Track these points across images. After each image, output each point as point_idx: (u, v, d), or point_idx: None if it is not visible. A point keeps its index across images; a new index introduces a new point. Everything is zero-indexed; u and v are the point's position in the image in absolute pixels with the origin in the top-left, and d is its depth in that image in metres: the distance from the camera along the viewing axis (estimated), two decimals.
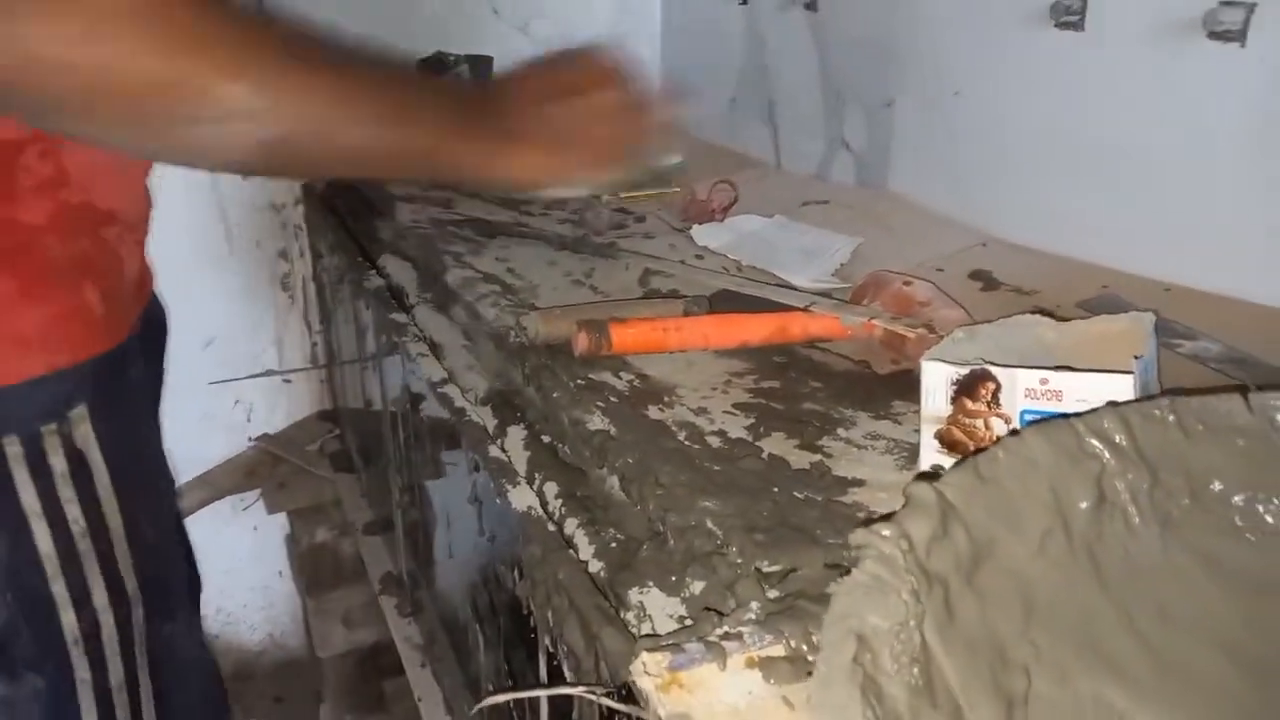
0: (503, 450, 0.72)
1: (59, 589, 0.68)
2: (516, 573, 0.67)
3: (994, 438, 0.57)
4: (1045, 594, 0.37)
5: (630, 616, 0.53)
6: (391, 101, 0.58)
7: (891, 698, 0.30)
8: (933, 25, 1.08)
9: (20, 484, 0.65)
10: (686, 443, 0.65)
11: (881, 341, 0.81)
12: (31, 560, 0.67)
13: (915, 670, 0.31)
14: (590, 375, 0.74)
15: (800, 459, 0.63)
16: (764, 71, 1.39)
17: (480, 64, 1.41)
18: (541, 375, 0.75)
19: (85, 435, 0.69)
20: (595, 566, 0.59)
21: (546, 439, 0.73)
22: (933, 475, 0.38)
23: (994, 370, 0.57)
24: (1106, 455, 0.40)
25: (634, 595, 0.55)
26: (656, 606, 0.54)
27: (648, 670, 0.42)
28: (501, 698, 0.52)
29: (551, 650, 0.61)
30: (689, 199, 1.18)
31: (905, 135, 1.16)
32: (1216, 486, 0.40)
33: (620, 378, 0.75)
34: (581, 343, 0.75)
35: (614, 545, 0.61)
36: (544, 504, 0.65)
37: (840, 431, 0.68)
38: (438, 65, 1.46)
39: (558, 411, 0.71)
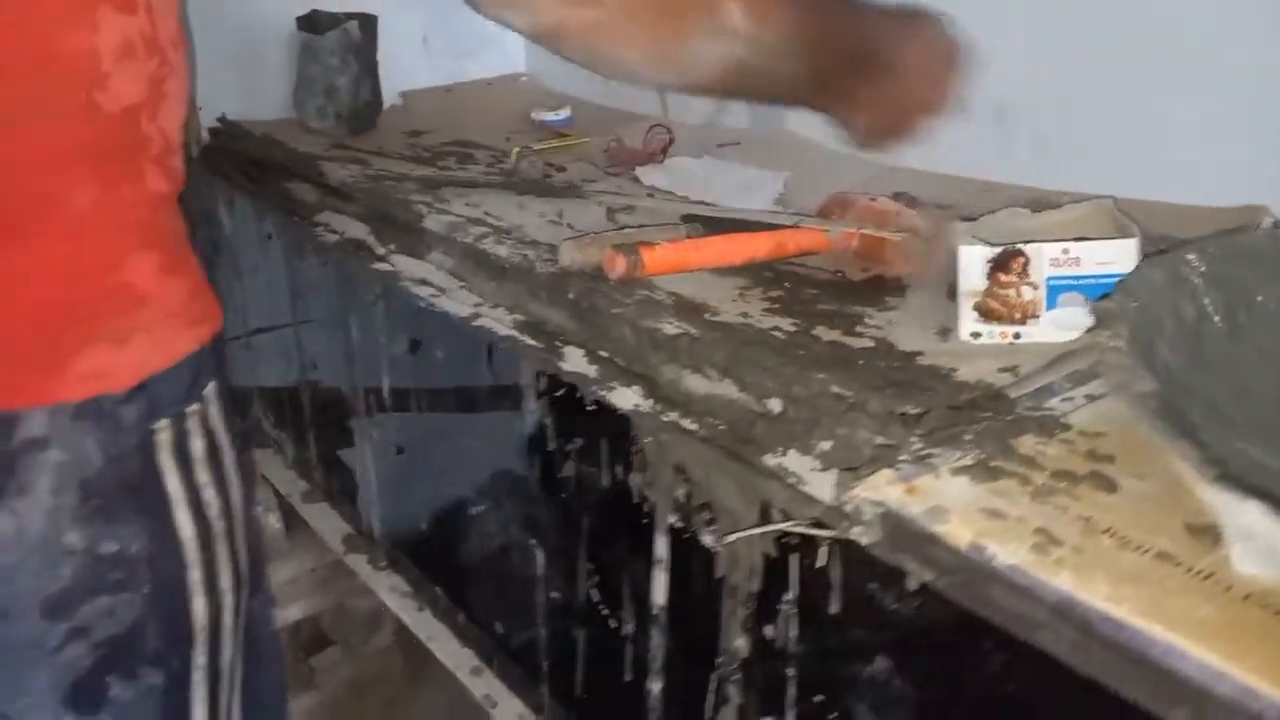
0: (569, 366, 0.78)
1: (195, 575, 0.65)
2: (620, 470, 0.73)
3: (1025, 304, 0.71)
4: (1180, 377, 0.49)
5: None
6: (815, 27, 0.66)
7: None
8: None
9: (165, 470, 0.62)
10: (757, 337, 0.73)
11: (856, 252, 0.93)
12: (173, 549, 0.63)
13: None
14: (636, 293, 0.81)
15: (857, 342, 0.74)
16: None
17: (367, 23, 1.40)
18: (593, 296, 0.80)
19: (215, 415, 0.66)
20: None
21: (604, 353, 0.79)
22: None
23: (1023, 247, 0.70)
24: (1194, 279, 0.53)
25: (769, 460, 0.64)
26: (796, 465, 0.63)
27: (888, 483, 0.51)
28: (743, 534, 0.59)
29: (684, 524, 0.68)
30: (615, 146, 1.25)
31: None
32: (1259, 299, 0.55)
33: (658, 295, 0.82)
34: (620, 266, 0.82)
35: (722, 428, 0.69)
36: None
37: (868, 321, 0.79)
38: (314, 24, 1.43)
39: (618, 326, 0.78)
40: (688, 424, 0.69)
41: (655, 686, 0.76)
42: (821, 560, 0.59)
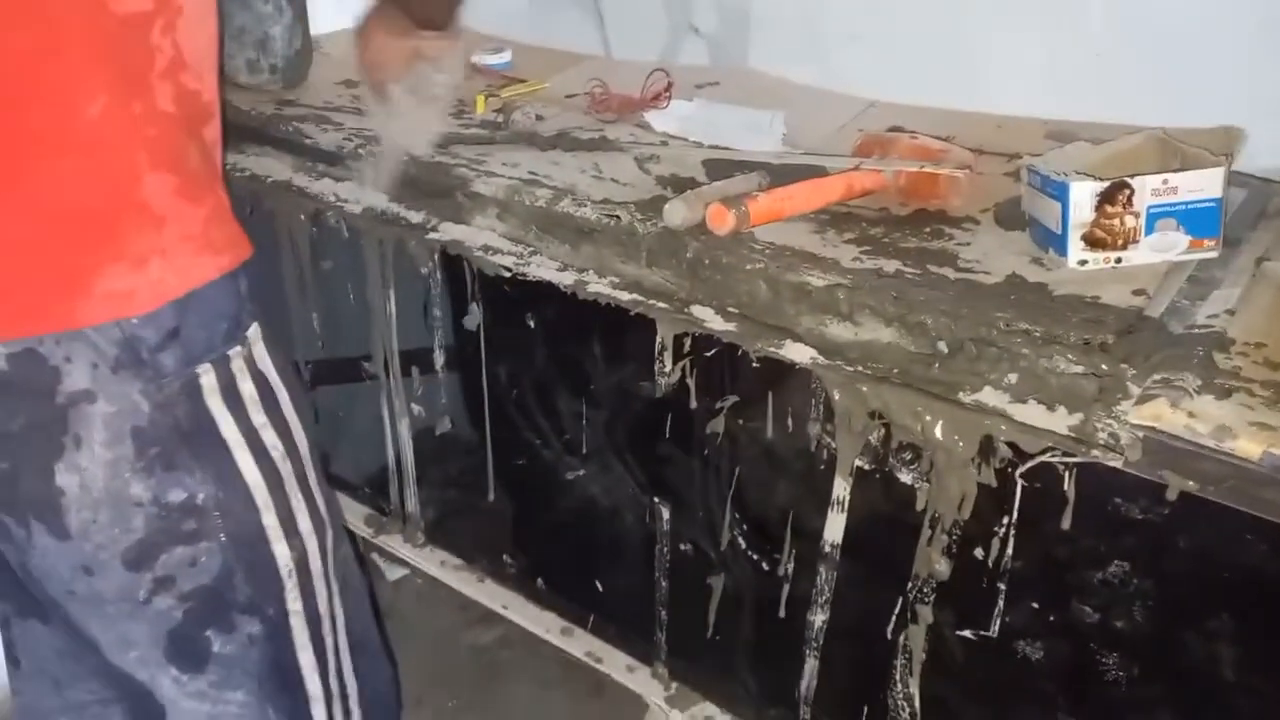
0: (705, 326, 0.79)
1: (270, 520, 0.66)
2: (814, 419, 0.76)
3: (1127, 230, 0.78)
4: None
5: None
6: None
7: None
8: None
9: (218, 416, 0.62)
10: (900, 281, 0.77)
11: (902, 189, 0.97)
12: (242, 494, 0.64)
13: None
14: (752, 247, 0.82)
15: (984, 279, 0.79)
16: None
17: None
18: (712, 253, 0.81)
19: (262, 355, 0.66)
20: None
21: (733, 309, 0.81)
22: None
23: (1129, 180, 0.77)
24: None
25: (964, 396, 0.69)
26: (992, 399, 0.68)
27: (1173, 406, 0.57)
28: (1036, 460, 0.63)
29: (875, 466, 0.72)
30: (600, 93, 1.22)
31: (765, 16, 1.30)
32: None
33: (768, 247, 0.83)
34: (729, 220, 0.83)
35: (895, 371, 0.73)
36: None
37: (964, 255, 0.84)
38: None
39: (750, 281, 0.79)
40: (860, 372, 0.73)
41: (819, 618, 0.81)
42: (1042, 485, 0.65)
